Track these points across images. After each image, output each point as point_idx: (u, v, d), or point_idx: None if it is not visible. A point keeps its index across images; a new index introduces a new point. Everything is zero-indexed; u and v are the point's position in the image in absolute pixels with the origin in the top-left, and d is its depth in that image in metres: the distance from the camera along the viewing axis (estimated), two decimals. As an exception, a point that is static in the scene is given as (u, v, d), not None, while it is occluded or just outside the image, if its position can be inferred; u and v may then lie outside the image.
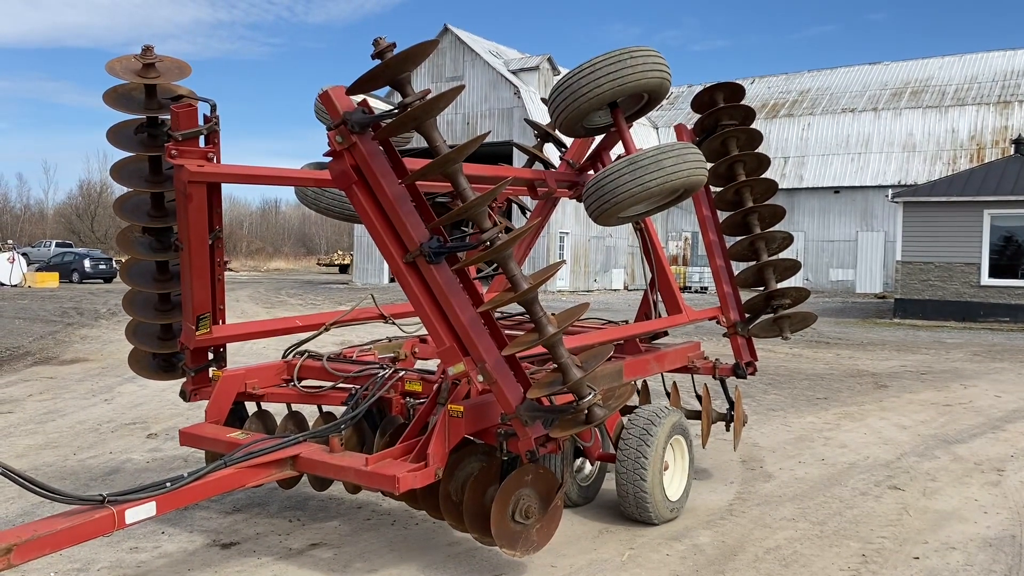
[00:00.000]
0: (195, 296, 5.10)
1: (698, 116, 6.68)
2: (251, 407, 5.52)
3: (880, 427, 8.83)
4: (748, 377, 6.87)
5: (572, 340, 5.32)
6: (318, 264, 61.03)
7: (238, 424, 5.36)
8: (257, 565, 4.77)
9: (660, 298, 6.86)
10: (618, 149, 6.26)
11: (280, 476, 4.53)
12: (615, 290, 40.15)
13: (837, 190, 39.16)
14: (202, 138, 5.02)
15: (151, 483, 3.94)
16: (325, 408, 5.41)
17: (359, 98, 4.35)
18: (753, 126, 6.64)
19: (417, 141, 4.42)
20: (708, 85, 6.49)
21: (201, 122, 5.01)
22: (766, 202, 6.61)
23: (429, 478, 4.33)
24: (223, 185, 5.36)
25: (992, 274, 21.83)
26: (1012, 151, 25.10)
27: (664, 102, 49.20)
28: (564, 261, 4.50)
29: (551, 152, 7.32)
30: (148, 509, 3.78)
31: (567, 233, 37.85)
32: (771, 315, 6.68)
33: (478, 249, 4.11)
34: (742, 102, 6.60)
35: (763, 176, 6.62)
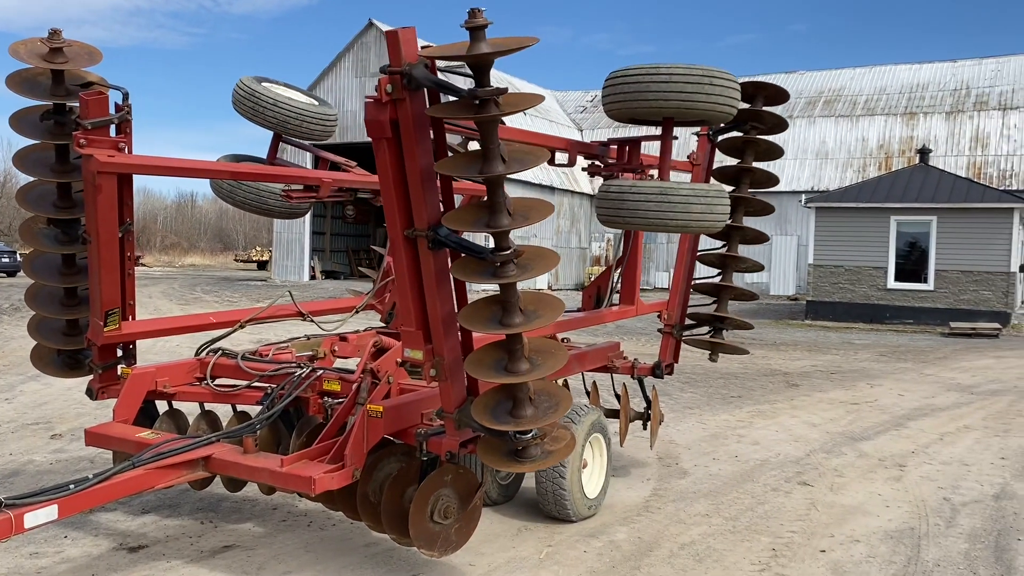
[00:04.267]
0: (103, 291, 4.92)
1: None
2: (162, 406, 5.36)
3: (791, 425, 9.11)
4: (665, 377, 6.99)
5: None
6: (236, 260, 59.60)
7: (148, 424, 5.20)
8: (166, 569, 4.63)
9: (619, 282, 6.91)
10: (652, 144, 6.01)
11: (191, 477, 4.41)
12: (539, 289, 40.41)
13: (753, 194, 40.18)
14: (113, 127, 4.86)
15: (53, 485, 3.80)
16: (240, 408, 5.29)
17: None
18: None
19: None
20: (756, 80, 6.09)
21: (112, 111, 4.86)
22: (754, 222, 6.40)
23: (346, 479, 4.27)
24: (136, 176, 5.19)
25: (898, 278, 22.74)
26: (917, 160, 26.22)
27: (588, 104, 48.91)
28: (564, 304, 4.25)
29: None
30: (49, 513, 3.63)
31: (491, 232, 37.87)
32: (709, 334, 6.75)
33: (486, 262, 3.84)
34: (779, 110, 6.22)
35: (764, 199, 6.39)
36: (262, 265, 51.04)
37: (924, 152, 25.43)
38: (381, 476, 4.54)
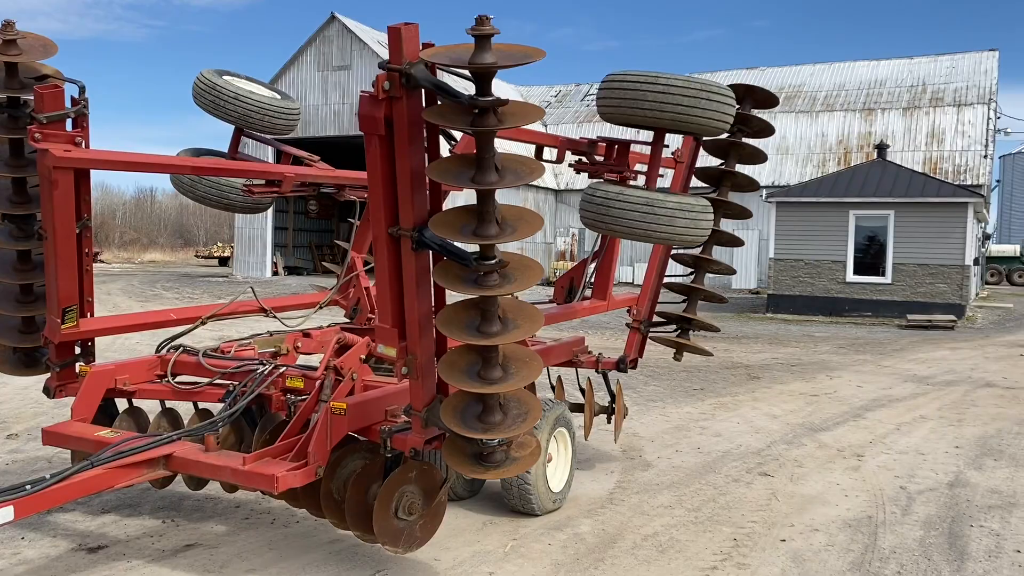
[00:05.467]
0: (60, 288, 4.84)
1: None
2: (122, 404, 5.29)
3: (752, 416, 9.23)
4: (629, 371, 7.03)
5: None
6: (196, 256, 58.80)
7: (107, 422, 5.13)
8: (127, 569, 4.57)
9: (593, 275, 6.98)
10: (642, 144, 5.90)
11: (152, 476, 4.36)
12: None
13: (715, 190, 40.47)
14: (69, 121, 4.78)
15: (9, 486, 3.73)
16: (201, 405, 5.23)
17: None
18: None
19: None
20: (748, 83, 6.05)
21: (68, 104, 4.77)
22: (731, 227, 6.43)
23: (310, 477, 4.25)
24: (94, 171, 5.12)
25: (856, 271, 23.13)
26: (875, 155, 26.66)
27: (553, 99, 48.92)
28: (543, 316, 4.14)
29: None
30: (4, 514, 3.57)
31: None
32: (675, 333, 6.79)
33: (469, 269, 3.77)
34: (768, 115, 6.07)
35: (743, 204, 6.29)
36: (223, 261, 50.40)
37: (882, 147, 25.88)
38: (345, 473, 4.52)
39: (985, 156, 33.84)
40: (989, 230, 47.98)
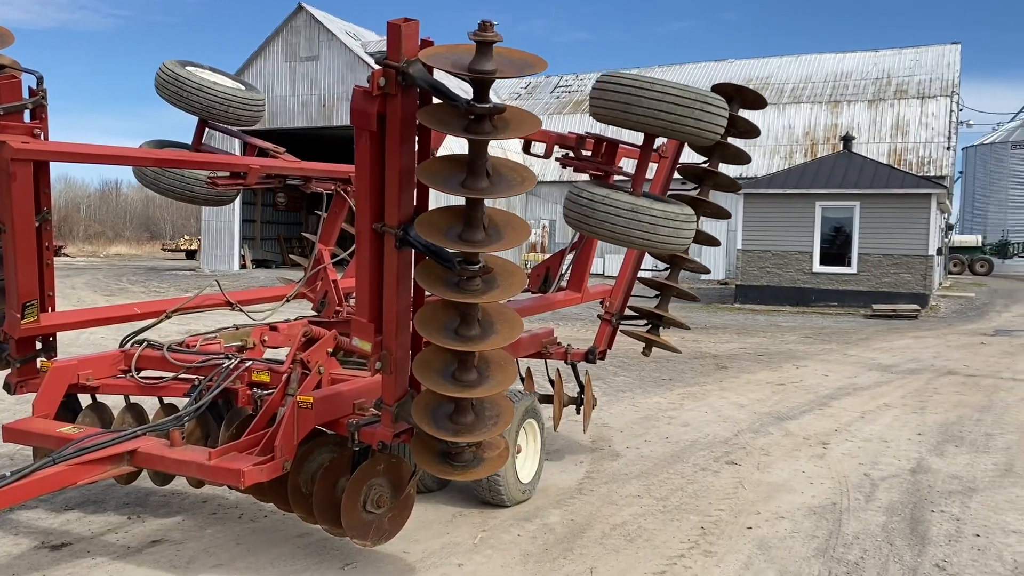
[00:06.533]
0: (20, 282, 4.77)
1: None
2: (86, 400, 5.22)
3: (720, 406, 9.32)
4: (598, 362, 7.06)
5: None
6: (163, 249, 58.09)
7: (71, 418, 5.06)
8: (90, 566, 4.52)
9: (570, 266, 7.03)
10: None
11: (116, 472, 4.32)
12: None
13: (684, 181, 40.65)
14: (27, 112, 4.71)
15: (-32, 484, 3.66)
16: (167, 400, 5.18)
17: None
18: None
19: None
20: (736, 83, 5.94)
21: (26, 95, 4.70)
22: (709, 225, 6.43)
23: (276, 471, 4.23)
24: (58, 164, 5.04)
25: (823, 262, 23.40)
26: (841, 147, 26.96)
27: (523, 91, 48.76)
28: (523, 323, 4.11)
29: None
30: (-36, 512, 3.51)
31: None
32: (645, 328, 6.81)
33: (451, 272, 3.74)
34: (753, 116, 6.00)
35: (721, 205, 6.16)
36: (191, 254, 49.83)
37: (847, 139, 26.17)
38: (312, 467, 4.50)
39: (948, 148, 34.34)
40: (952, 220, 48.75)
